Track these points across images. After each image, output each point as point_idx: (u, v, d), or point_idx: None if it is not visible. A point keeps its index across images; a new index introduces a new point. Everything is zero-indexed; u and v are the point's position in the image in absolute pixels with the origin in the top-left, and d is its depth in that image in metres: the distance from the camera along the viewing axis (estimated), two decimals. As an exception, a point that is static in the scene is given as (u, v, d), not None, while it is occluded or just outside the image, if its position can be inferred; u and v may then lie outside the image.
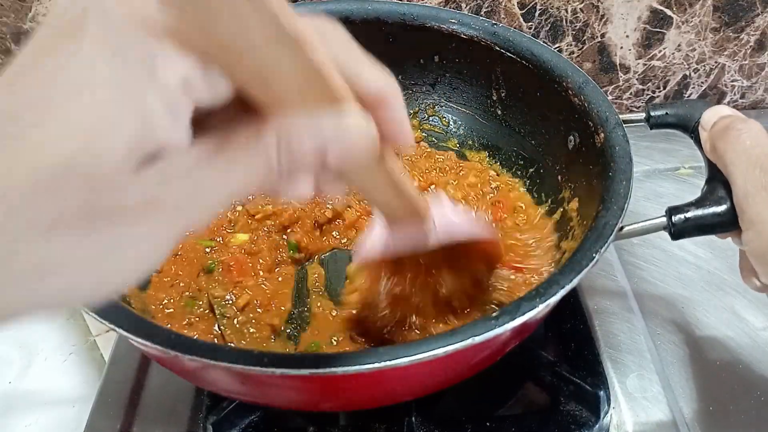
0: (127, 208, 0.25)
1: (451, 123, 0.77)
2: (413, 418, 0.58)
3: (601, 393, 0.59)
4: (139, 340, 0.43)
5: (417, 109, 0.78)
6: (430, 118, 0.78)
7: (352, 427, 0.59)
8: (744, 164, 0.45)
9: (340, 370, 0.40)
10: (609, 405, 0.60)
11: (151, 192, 0.25)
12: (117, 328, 0.43)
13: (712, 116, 0.51)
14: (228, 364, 0.41)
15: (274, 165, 0.27)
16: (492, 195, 0.72)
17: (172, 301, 0.62)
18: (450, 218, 0.52)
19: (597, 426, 0.59)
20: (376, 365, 0.40)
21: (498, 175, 0.74)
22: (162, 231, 0.26)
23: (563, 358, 0.65)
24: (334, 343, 0.60)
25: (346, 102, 0.29)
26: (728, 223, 0.47)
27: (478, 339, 0.41)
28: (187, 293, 0.63)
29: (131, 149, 0.24)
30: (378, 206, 0.45)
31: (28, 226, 0.24)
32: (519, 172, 0.73)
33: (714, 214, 0.47)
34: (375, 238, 0.52)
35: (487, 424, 0.59)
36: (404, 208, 0.44)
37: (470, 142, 0.77)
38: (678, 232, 0.48)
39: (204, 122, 0.27)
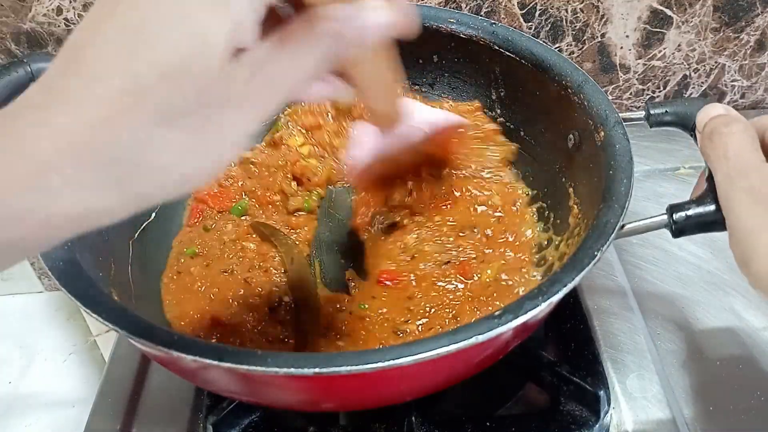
0: (228, 98, 0.30)
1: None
2: (413, 418, 0.58)
3: (601, 393, 0.59)
4: (139, 340, 0.43)
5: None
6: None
7: (352, 427, 0.59)
8: (723, 170, 0.45)
9: (344, 369, 0.40)
10: (609, 405, 0.60)
11: (242, 84, 0.30)
12: (117, 328, 0.43)
13: (703, 118, 0.50)
14: (230, 365, 0.41)
15: (327, 49, 0.33)
16: None
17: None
18: (427, 110, 0.61)
19: (597, 426, 0.59)
20: (380, 365, 0.40)
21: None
22: (250, 117, 0.32)
23: (563, 358, 0.65)
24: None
25: None
26: (728, 221, 0.47)
27: (481, 338, 0.41)
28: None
29: (228, 47, 0.29)
30: (373, 101, 0.48)
31: (157, 112, 0.28)
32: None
33: (715, 211, 0.46)
34: (364, 141, 0.59)
35: (487, 424, 0.59)
36: (394, 105, 0.50)
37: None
38: (679, 229, 0.48)
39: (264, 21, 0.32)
